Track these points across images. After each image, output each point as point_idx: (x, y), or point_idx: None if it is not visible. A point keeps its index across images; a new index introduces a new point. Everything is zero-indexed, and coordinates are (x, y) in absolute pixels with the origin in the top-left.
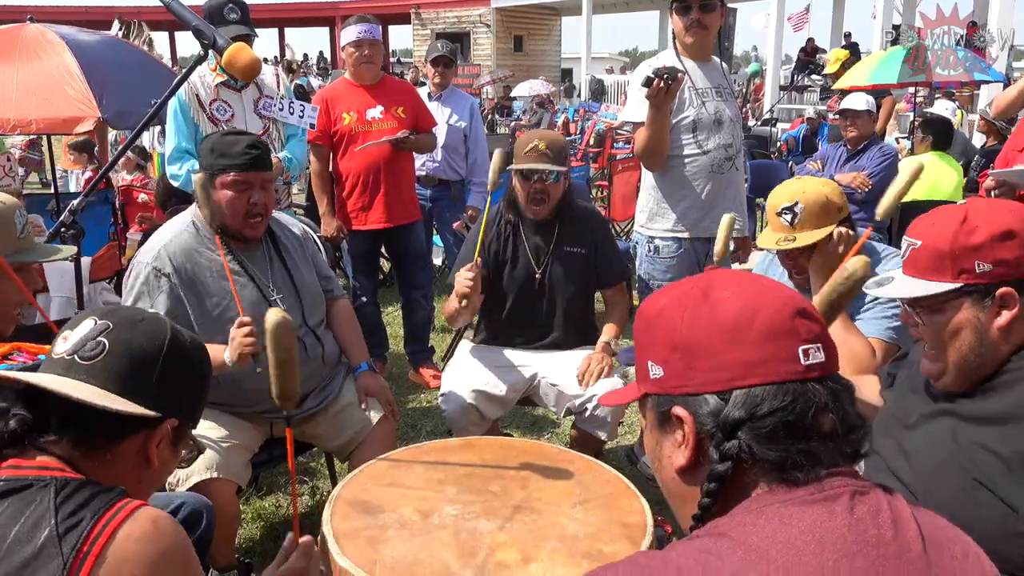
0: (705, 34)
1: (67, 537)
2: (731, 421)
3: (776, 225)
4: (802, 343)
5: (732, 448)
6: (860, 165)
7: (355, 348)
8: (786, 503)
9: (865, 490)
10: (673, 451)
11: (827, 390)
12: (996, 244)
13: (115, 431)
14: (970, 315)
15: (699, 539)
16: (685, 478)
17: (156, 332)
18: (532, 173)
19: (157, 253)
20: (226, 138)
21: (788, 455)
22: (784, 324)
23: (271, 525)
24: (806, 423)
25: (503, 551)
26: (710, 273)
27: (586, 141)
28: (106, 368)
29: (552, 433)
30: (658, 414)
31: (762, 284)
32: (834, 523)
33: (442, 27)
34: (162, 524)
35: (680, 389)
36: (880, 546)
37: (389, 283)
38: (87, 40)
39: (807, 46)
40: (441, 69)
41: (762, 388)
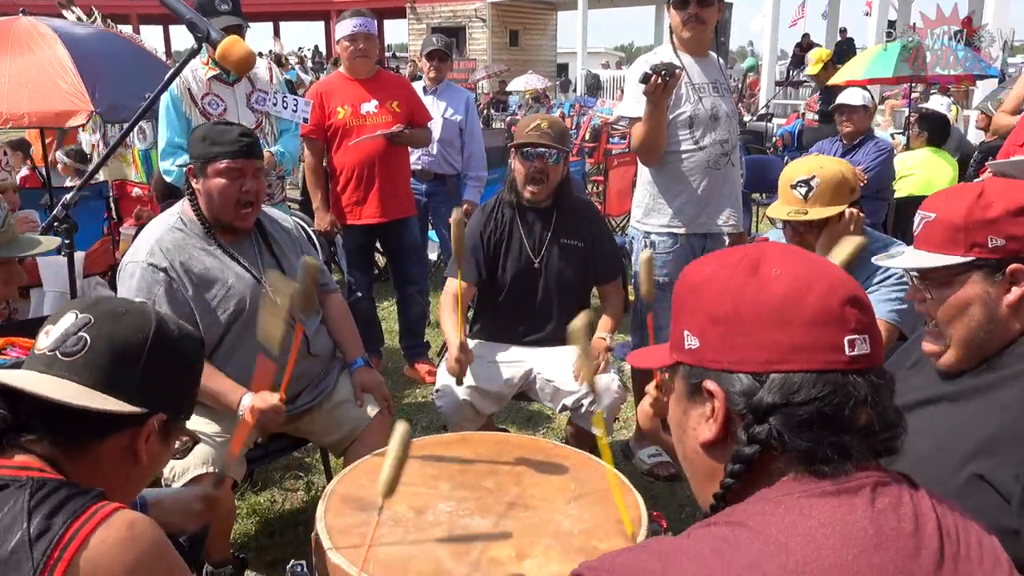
0: (702, 29)
1: (39, 542)
2: (764, 405)
3: (789, 198)
4: (849, 333)
5: (762, 432)
6: (855, 160)
7: (350, 343)
8: (807, 494)
9: (887, 482)
10: (700, 423)
11: (868, 384)
12: (1010, 219)
13: (99, 429)
14: (980, 290)
15: (716, 527)
16: (710, 452)
17: (140, 324)
18: (532, 153)
19: (150, 249)
20: (217, 127)
21: (819, 447)
22: (833, 311)
23: (266, 520)
24: (842, 416)
25: (497, 548)
26: (763, 245)
27: (581, 136)
28: (88, 364)
29: (548, 428)
30: (689, 385)
31: (816, 264)
32: (855, 516)
33: (438, 21)
34: (139, 528)
35: (715, 364)
36: (900, 539)
37: (384, 278)
38: (80, 33)
39: (802, 42)
40: (436, 63)
41: (801, 375)
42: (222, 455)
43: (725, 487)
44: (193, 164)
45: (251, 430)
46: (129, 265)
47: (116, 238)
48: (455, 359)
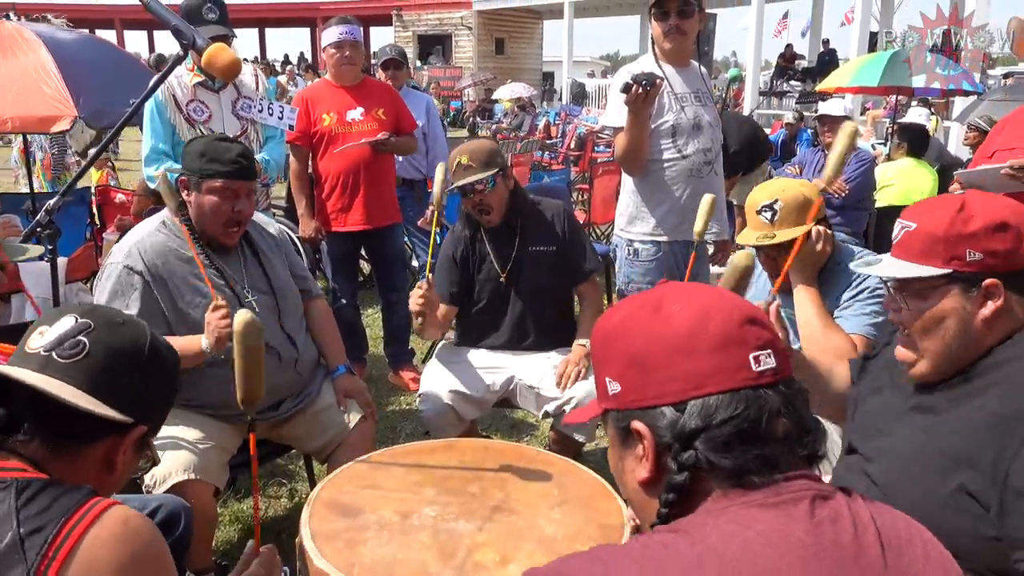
0: (684, 39)
1: (31, 540)
2: (687, 431)
3: (756, 223)
4: (753, 350)
5: (689, 458)
6: None
7: (333, 350)
8: (745, 505)
9: (826, 494)
10: (635, 465)
11: (780, 395)
12: (990, 234)
13: (88, 433)
14: (956, 304)
15: (658, 534)
16: (648, 491)
17: (137, 336)
18: (466, 190)
19: (129, 251)
20: (217, 144)
21: (744, 462)
22: (734, 332)
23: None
24: (760, 429)
25: (481, 552)
26: (661, 287)
27: (567, 144)
28: (84, 369)
29: (531, 435)
30: (619, 429)
31: (711, 294)
32: (793, 527)
33: (424, 29)
34: (133, 525)
35: (638, 403)
36: (837, 550)
37: (369, 285)
38: (64, 38)
39: (786, 52)
40: (392, 72)
41: (716, 397)
42: (204, 462)
43: (661, 517)
44: (187, 176)
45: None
46: (108, 266)
47: (99, 244)
48: (418, 286)
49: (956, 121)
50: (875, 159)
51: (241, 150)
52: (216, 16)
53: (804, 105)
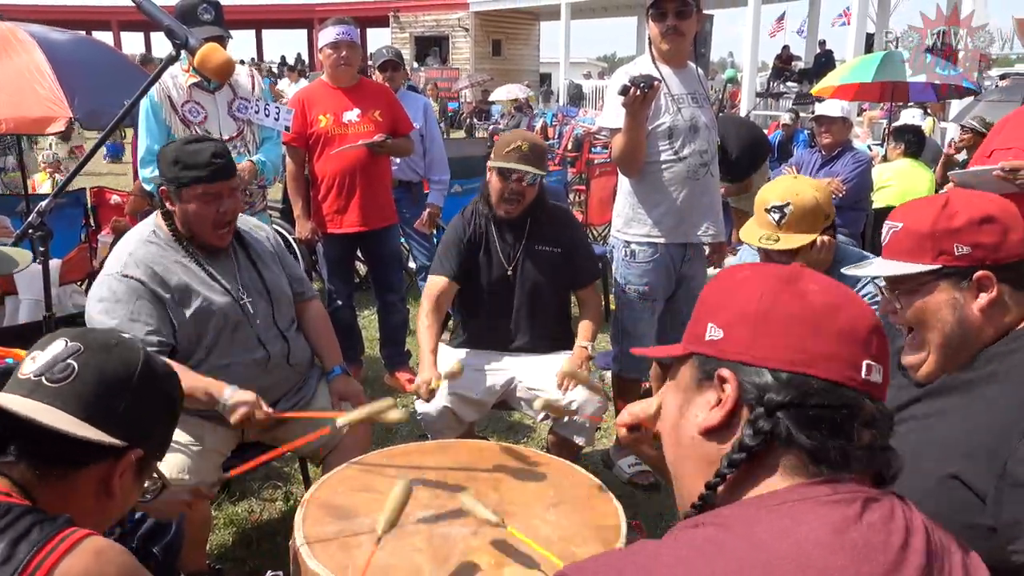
0: (681, 40)
1: (2, 570)
2: (777, 400)
3: (762, 221)
4: (869, 358)
5: (769, 425)
6: (834, 171)
7: (328, 352)
8: (800, 501)
9: (879, 497)
10: (704, 410)
11: (876, 409)
12: (976, 228)
13: (77, 458)
14: (948, 296)
15: (703, 527)
16: (709, 438)
17: (129, 358)
18: (510, 173)
19: (125, 262)
20: (188, 147)
21: (823, 447)
22: (861, 333)
23: (243, 530)
24: (850, 428)
25: (476, 555)
26: (800, 267)
27: (564, 146)
28: (74, 392)
29: (528, 438)
30: (700, 372)
31: (847, 290)
32: (844, 525)
33: (421, 30)
34: (106, 557)
35: (737, 356)
36: (887, 553)
37: (365, 287)
38: (58, 39)
39: (782, 53)
40: (389, 73)
41: (820, 382)
42: (197, 464)
43: (720, 475)
44: (166, 187)
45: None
46: (105, 278)
47: (94, 246)
48: (425, 383)
49: (952, 122)
50: (872, 160)
51: (214, 149)
52: (211, 17)
53: (800, 106)
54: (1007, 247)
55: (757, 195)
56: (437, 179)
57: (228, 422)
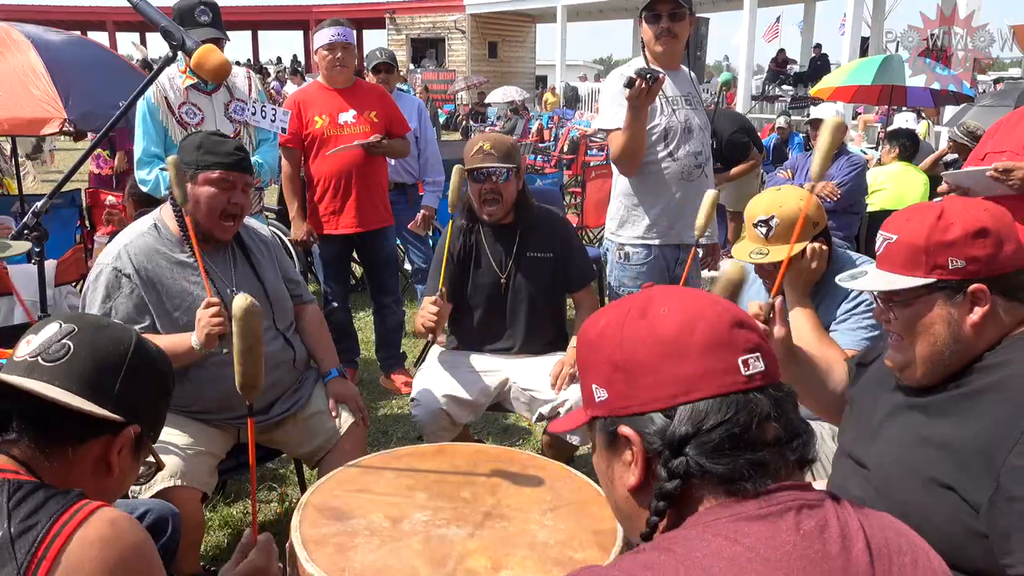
0: (675, 43)
1: (21, 541)
2: (678, 437)
3: (752, 236)
4: (742, 353)
5: (680, 465)
6: (829, 175)
7: (325, 354)
8: (732, 518)
9: (813, 503)
10: (623, 472)
11: (769, 399)
12: (970, 241)
13: (77, 433)
14: (943, 311)
15: (643, 553)
16: (637, 498)
17: (122, 337)
18: (481, 174)
19: (118, 254)
20: (213, 137)
21: (735, 467)
22: (722, 336)
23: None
24: (751, 434)
25: (473, 558)
26: (648, 291)
27: (559, 148)
28: (70, 370)
29: (524, 439)
30: (607, 435)
31: (699, 298)
32: (779, 539)
33: (417, 32)
34: (120, 525)
35: (626, 410)
36: (825, 562)
37: (361, 288)
38: (53, 39)
39: (778, 57)
40: (383, 76)
41: (706, 402)
42: (191, 468)
43: (651, 525)
44: (184, 169)
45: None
46: (98, 266)
47: (89, 246)
48: (432, 303)
49: (946, 127)
50: (867, 163)
51: (238, 144)
52: (209, 18)
53: (796, 109)
54: (1001, 260)
55: (746, 210)
56: (432, 181)
57: (223, 424)
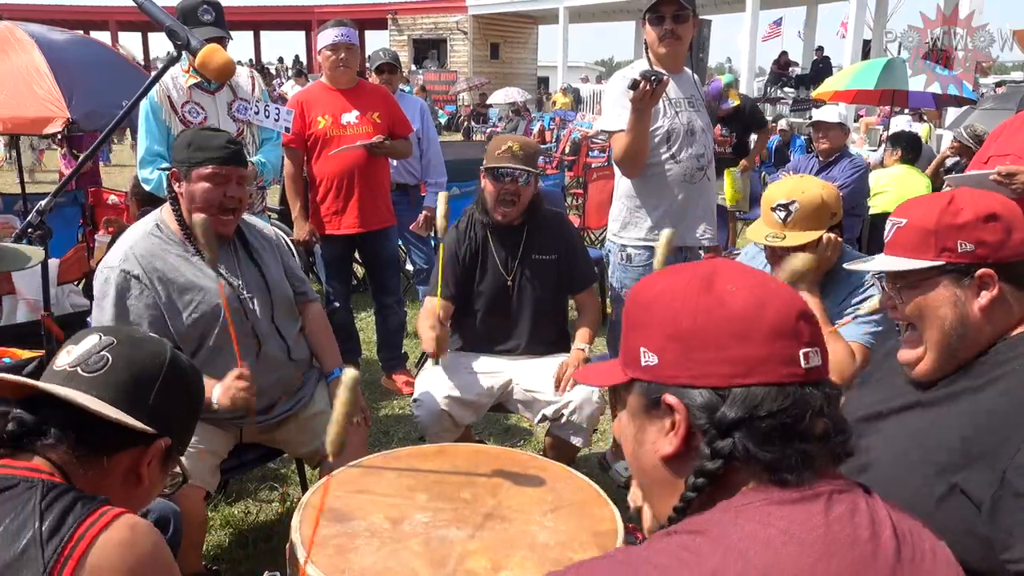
0: (678, 44)
1: (50, 541)
2: (728, 419)
3: (769, 220)
4: (804, 346)
5: (727, 446)
6: (831, 176)
7: (327, 354)
8: (767, 502)
9: (844, 489)
10: (659, 438)
11: (823, 395)
12: (980, 225)
13: (111, 443)
14: (949, 293)
15: (677, 535)
16: (670, 467)
17: (158, 351)
18: (503, 173)
19: (125, 256)
20: (203, 133)
21: (783, 456)
22: (789, 325)
23: (240, 532)
24: (802, 426)
25: (473, 559)
26: (712, 262)
27: (561, 149)
28: (108, 381)
29: (526, 440)
30: (647, 400)
31: (766, 280)
32: (812, 523)
33: (419, 33)
34: (140, 530)
35: (675, 379)
36: (856, 547)
37: (363, 288)
38: (56, 39)
39: (780, 58)
40: (386, 76)
41: (763, 389)
42: (193, 466)
43: (686, 500)
44: (177, 168)
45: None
46: (104, 270)
47: (91, 245)
48: (432, 328)
49: (948, 129)
50: (868, 166)
51: (229, 137)
52: (212, 18)
53: (798, 112)
54: (1010, 246)
55: (764, 194)
56: (434, 182)
57: (225, 424)
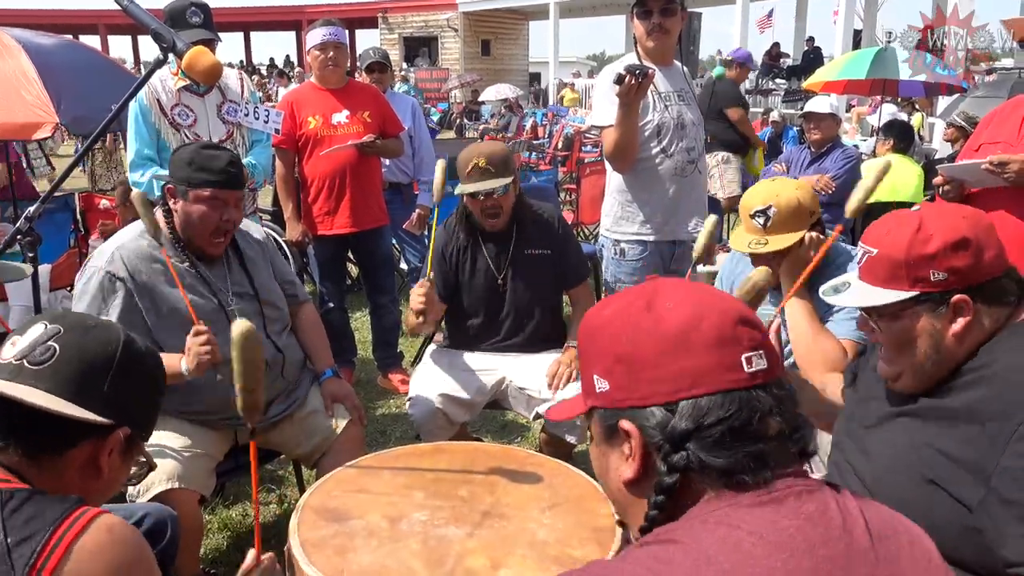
0: (666, 38)
1: (19, 550)
2: (678, 433)
3: (749, 227)
4: (745, 351)
5: (680, 460)
6: (824, 167)
7: (320, 354)
8: (734, 506)
9: (812, 489)
10: (620, 464)
11: (771, 396)
12: (950, 253)
13: (65, 438)
14: (926, 324)
15: (649, 546)
16: (633, 490)
17: (109, 338)
18: (478, 194)
19: (111, 257)
20: (205, 151)
21: (736, 460)
22: (727, 332)
23: (238, 535)
24: (752, 428)
25: (472, 558)
26: (653, 283)
27: (554, 145)
28: (56, 373)
29: (522, 437)
30: (604, 427)
31: (704, 293)
32: (782, 524)
33: (409, 31)
34: (118, 533)
35: (625, 402)
36: (827, 544)
37: (357, 288)
38: (44, 43)
39: (771, 50)
40: (376, 75)
41: (708, 398)
42: (189, 470)
43: (650, 520)
44: (175, 185)
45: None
46: (89, 269)
47: (84, 251)
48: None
49: (940, 118)
50: (860, 156)
51: (230, 158)
52: (200, 20)
53: (790, 103)
54: (982, 269)
55: (741, 202)
56: (427, 180)
57: (220, 426)
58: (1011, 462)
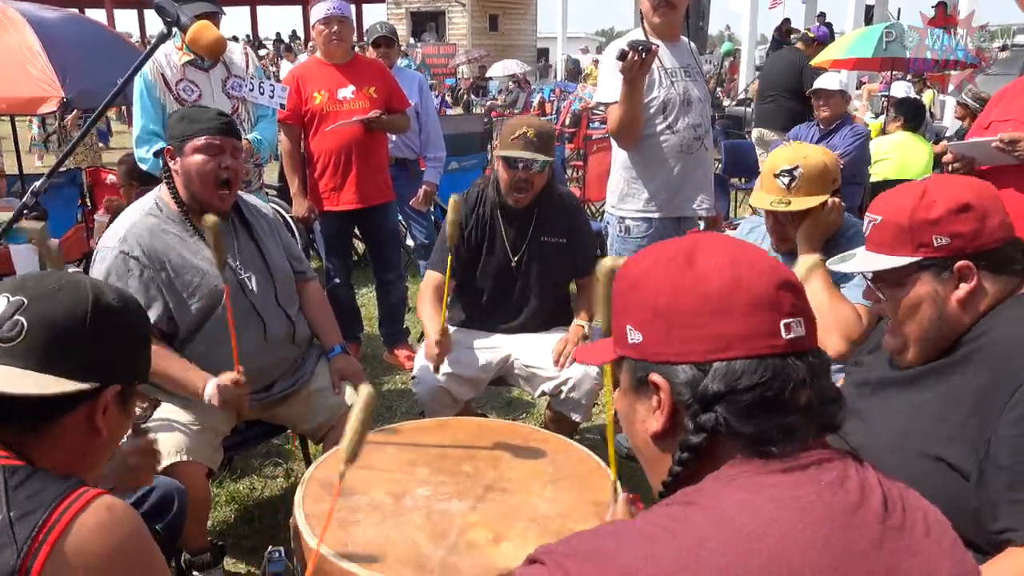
0: (673, 13)
1: (20, 524)
2: (709, 394)
3: (771, 187)
4: (785, 317)
5: (708, 421)
6: (832, 145)
7: (328, 330)
8: (755, 473)
9: (833, 458)
10: (647, 416)
11: (806, 365)
12: (953, 217)
13: (52, 412)
14: (929, 289)
15: (670, 506)
16: (658, 443)
17: (77, 299)
18: (517, 161)
19: (123, 236)
20: (195, 108)
21: (764, 430)
22: (769, 297)
23: (244, 507)
24: (784, 398)
25: (474, 531)
26: (695, 237)
27: (562, 121)
28: (28, 348)
29: (527, 413)
30: (635, 378)
31: (748, 252)
32: (802, 491)
33: (417, 6)
34: (117, 513)
35: (658, 356)
36: (845, 513)
37: (364, 264)
38: (48, 17)
39: (782, 26)
40: (383, 50)
41: (742, 362)
42: (195, 443)
43: (673, 475)
44: (171, 144)
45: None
46: (103, 250)
47: (90, 225)
48: (435, 342)
49: (951, 95)
50: (869, 133)
51: (220, 110)
52: None
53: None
54: (985, 234)
55: (765, 162)
56: (433, 156)
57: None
58: (1005, 431)
